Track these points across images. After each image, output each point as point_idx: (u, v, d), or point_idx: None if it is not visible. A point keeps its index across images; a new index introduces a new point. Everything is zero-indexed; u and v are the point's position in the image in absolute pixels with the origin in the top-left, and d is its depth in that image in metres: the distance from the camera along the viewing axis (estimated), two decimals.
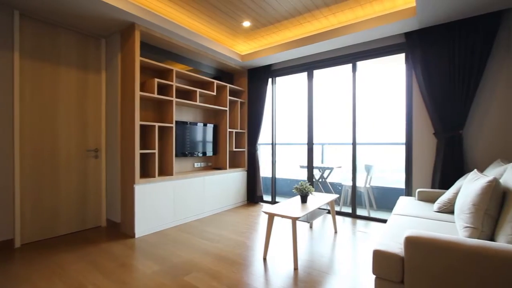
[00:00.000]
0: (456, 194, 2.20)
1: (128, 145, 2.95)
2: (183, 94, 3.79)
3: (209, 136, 4.11)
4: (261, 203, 4.54)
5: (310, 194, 2.79)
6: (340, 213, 3.80)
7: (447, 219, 2.05)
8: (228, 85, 4.18)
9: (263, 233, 3.01)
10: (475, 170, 1.85)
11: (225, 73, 4.58)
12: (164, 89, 3.40)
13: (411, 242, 1.29)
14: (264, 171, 4.81)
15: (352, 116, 3.61)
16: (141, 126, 3.22)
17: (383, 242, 1.51)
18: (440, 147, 2.87)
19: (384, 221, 3.44)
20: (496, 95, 2.69)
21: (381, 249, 1.41)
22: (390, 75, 4.61)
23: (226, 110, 4.18)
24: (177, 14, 3.03)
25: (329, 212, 3.76)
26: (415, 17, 2.71)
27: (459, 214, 1.59)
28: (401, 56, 3.27)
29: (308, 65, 3.99)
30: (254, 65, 4.36)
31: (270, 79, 4.45)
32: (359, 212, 3.73)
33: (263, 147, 4.96)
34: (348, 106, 3.65)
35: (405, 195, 3.24)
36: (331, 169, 4.47)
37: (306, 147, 4.10)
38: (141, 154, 3.23)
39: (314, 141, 4.06)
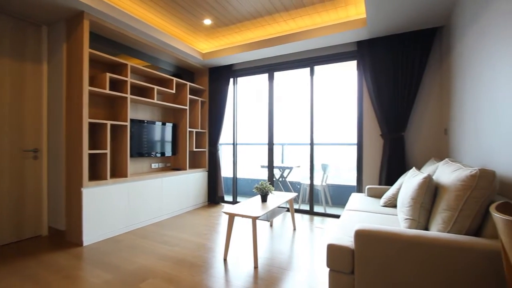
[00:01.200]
0: (398, 189, 2.44)
1: (75, 145, 2.69)
2: (139, 91, 3.58)
3: (168, 136, 3.95)
4: (222, 204, 4.51)
5: (270, 193, 2.86)
6: (299, 211, 3.95)
7: (391, 212, 2.27)
8: (188, 83, 4.07)
9: (224, 234, 2.99)
10: (414, 168, 2.08)
11: (185, 71, 4.45)
12: (117, 85, 3.17)
13: (360, 235, 1.40)
14: (226, 171, 4.79)
15: (310, 117, 3.78)
16: (91, 124, 2.96)
17: (336, 236, 1.61)
18: (386, 147, 3.16)
19: (339, 216, 3.67)
20: (430, 102, 3.05)
21: (334, 243, 1.50)
22: (345, 80, 4.93)
23: (186, 109, 4.06)
24: (134, 7, 2.86)
25: (288, 210, 3.88)
26: (365, 27, 2.95)
27: (400, 207, 1.77)
28: (354, 63, 3.52)
29: (269, 67, 4.07)
30: (215, 64, 4.30)
31: (231, 79, 4.44)
32: (316, 209, 3.93)
33: (224, 147, 4.93)
34: (307, 108, 3.82)
35: (357, 192, 3.50)
36: (291, 168, 4.63)
37: (267, 147, 4.18)
38: (91, 154, 2.97)
39: (275, 141, 4.16)
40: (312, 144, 3.79)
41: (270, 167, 4.19)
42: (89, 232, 2.68)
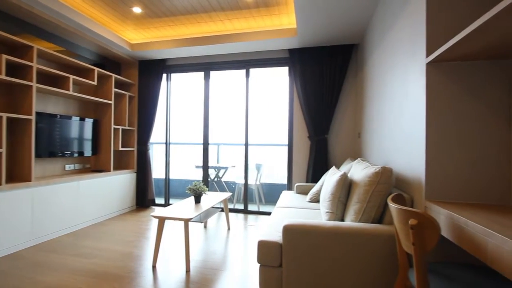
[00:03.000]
0: (321, 186, 2.71)
1: None
2: (50, 79, 3.05)
3: (88, 133, 3.48)
4: (153, 207, 4.21)
5: (204, 194, 2.81)
6: (233, 210, 4.00)
7: (316, 207, 2.50)
8: (114, 75, 3.67)
9: (154, 240, 2.80)
10: (334, 166, 2.35)
11: (110, 61, 4.00)
12: (19, 70, 2.64)
13: (287, 230, 1.50)
14: (157, 172, 4.50)
15: (245, 118, 3.86)
16: None
17: (266, 232, 1.69)
18: (312, 148, 3.47)
19: (271, 213, 3.86)
20: (348, 109, 3.49)
21: (264, 239, 1.57)
22: (278, 84, 5.21)
23: (111, 104, 3.65)
24: None
25: (222, 210, 3.89)
26: (296, 37, 3.18)
27: (322, 202, 1.97)
28: (286, 69, 3.76)
29: (205, 65, 4.00)
30: (146, 57, 4.00)
31: (164, 75, 4.20)
32: (251, 207, 4.04)
33: (156, 146, 4.62)
34: (242, 109, 3.89)
35: (287, 190, 3.74)
36: (226, 168, 4.65)
37: (202, 147, 4.10)
38: None
39: (210, 141, 4.11)
40: (246, 144, 3.88)
41: (205, 167, 4.12)
42: None
